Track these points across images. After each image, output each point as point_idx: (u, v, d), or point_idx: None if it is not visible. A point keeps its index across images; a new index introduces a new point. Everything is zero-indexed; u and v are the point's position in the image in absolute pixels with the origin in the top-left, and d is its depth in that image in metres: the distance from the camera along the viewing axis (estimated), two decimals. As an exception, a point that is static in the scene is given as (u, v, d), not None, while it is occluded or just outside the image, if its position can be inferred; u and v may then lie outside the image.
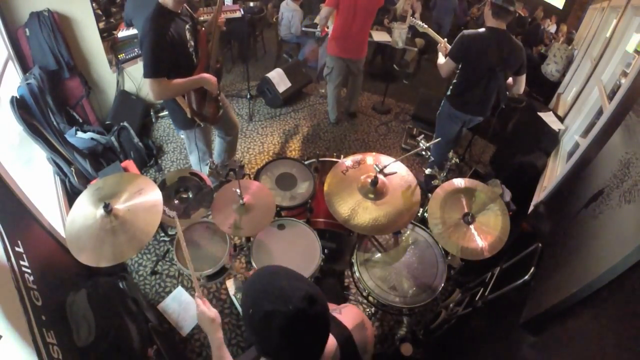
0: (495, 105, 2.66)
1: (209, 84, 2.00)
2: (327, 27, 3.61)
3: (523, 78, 2.48)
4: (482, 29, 2.35)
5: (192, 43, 1.95)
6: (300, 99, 4.40)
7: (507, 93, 2.64)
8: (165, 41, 1.75)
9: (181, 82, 1.89)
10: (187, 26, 1.91)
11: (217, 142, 2.76)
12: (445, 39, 2.63)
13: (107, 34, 3.07)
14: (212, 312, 1.07)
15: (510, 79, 2.51)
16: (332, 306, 1.04)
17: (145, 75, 1.77)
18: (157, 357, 1.72)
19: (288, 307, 0.72)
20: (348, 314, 0.96)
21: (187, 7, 1.98)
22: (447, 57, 2.47)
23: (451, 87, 2.63)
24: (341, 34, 3.24)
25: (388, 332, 2.21)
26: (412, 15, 5.20)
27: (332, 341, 0.86)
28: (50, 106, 2.51)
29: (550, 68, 4.86)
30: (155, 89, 1.81)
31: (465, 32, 2.37)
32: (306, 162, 2.20)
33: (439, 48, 2.63)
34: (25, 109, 2.20)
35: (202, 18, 2.08)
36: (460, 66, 2.47)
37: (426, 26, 2.81)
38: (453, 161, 2.00)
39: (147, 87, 1.81)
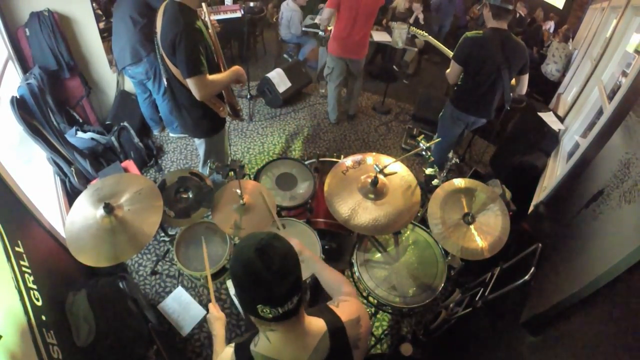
0: (500, 107, 2.66)
1: (243, 75, 1.97)
2: (329, 27, 3.61)
3: (526, 78, 2.48)
4: (485, 30, 2.36)
5: (209, 41, 1.90)
6: (300, 99, 4.40)
7: (512, 94, 2.64)
8: (197, 37, 1.69)
9: (221, 77, 1.84)
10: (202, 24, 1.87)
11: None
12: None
13: (107, 34, 3.06)
14: (221, 314, 1.27)
15: (513, 79, 2.50)
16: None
17: (188, 74, 1.68)
18: (157, 357, 1.72)
19: (256, 240, 0.78)
20: (344, 308, 0.97)
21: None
22: (452, 61, 2.47)
23: (455, 89, 2.63)
24: (342, 34, 3.24)
25: (388, 332, 2.21)
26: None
27: (320, 323, 0.89)
28: (50, 106, 2.51)
29: (550, 68, 4.85)
30: (201, 87, 1.72)
31: (468, 33, 2.38)
32: (306, 162, 2.20)
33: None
34: (25, 109, 2.20)
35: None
36: (464, 69, 2.47)
37: (427, 34, 2.81)
38: (453, 161, 1.99)
39: (192, 88, 1.72)
